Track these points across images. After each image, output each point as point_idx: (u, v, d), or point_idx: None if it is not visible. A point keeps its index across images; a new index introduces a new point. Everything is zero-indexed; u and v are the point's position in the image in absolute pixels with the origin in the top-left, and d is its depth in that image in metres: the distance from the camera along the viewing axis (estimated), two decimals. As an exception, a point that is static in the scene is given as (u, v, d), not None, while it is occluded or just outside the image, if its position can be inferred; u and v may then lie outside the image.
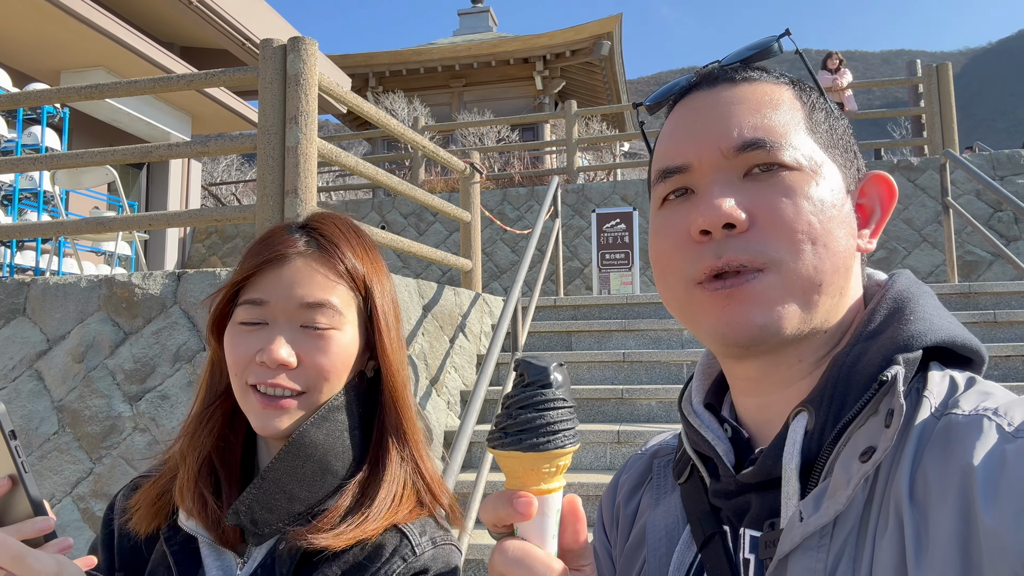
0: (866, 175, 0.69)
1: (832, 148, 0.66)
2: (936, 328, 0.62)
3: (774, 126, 0.64)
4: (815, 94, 0.69)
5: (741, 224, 0.61)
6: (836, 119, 0.68)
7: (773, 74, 0.68)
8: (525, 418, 0.57)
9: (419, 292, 4.53)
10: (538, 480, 0.58)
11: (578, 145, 10.59)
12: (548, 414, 0.57)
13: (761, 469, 0.62)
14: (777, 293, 0.61)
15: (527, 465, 0.58)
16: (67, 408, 3.57)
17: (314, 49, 3.83)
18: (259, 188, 3.77)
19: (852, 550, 0.56)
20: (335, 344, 0.89)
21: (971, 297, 5.45)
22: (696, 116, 0.67)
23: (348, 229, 0.96)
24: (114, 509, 0.98)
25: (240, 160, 18.81)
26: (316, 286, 0.89)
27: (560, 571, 0.58)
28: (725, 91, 0.66)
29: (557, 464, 0.58)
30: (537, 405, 0.57)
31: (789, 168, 0.62)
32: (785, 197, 0.62)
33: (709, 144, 0.64)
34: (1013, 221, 8.01)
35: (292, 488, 0.86)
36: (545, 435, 0.57)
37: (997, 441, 0.53)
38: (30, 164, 4.52)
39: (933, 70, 9.07)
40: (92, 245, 7.42)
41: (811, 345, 0.65)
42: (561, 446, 0.57)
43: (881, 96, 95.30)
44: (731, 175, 0.63)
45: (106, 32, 7.69)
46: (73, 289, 3.78)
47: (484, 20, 21.15)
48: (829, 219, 0.62)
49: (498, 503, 0.59)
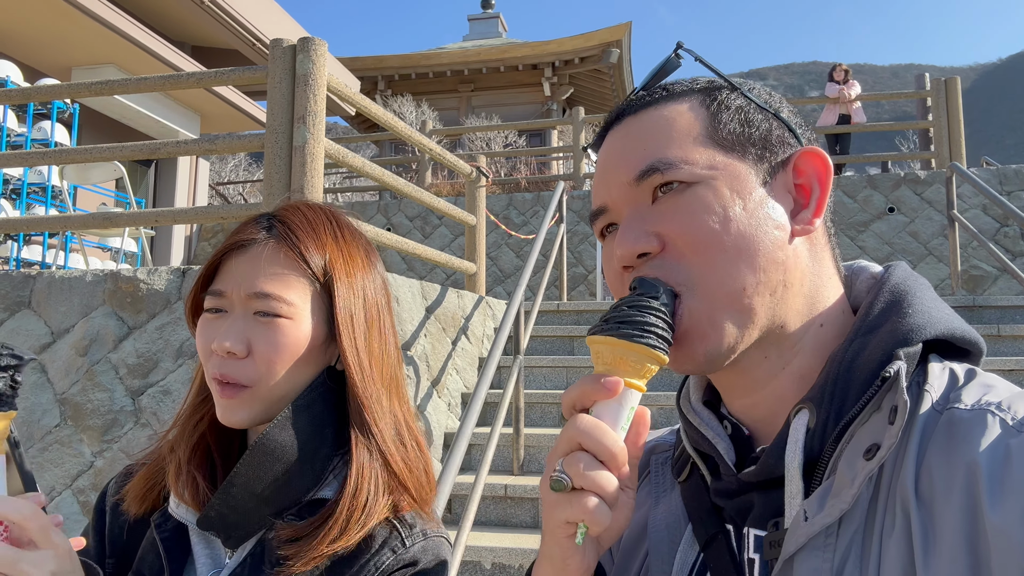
0: (795, 153, 0.67)
1: (741, 145, 0.65)
2: (935, 321, 0.62)
3: (667, 147, 0.65)
4: (724, 94, 0.68)
5: (653, 249, 0.64)
6: (753, 112, 0.67)
7: (677, 90, 0.69)
8: (627, 313, 0.61)
9: (422, 294, 4.53)
10: (625, 370, 0.61)
11: (585, 152, 10.58)
12: (649, 316, 0.60)
13: (763, 468, 0.62)
14: (704, 316, 0.62)
15: (618, 353, 0.61)
16: (69, 401, 3.58)
17: (323, 50, 3.85)
18: (265, 187, 3.78)
19: (859, 549, 0.55)
20: (283, 335, 0.86)
21: (975, 310, 5.43)
22: (605, 157, 0.70)
23: (318, 218, 0.94)
24: (106, 497, 0.98)
25: (248, 160, 18.87)
26: (267, 275, 0.87)
27: (623, 453, 0.59)
28: (629, 124, 0.69)
29: (645, 364, 0.61)
30: (641, 307, 0.61)
31: (687, 183, 0.64)
32: (687, 213, 0.63)
33: (615, 182, 0.68)
34: (1019, 236, 7.99)
35: (262, 491, 0.84)
36: (641, 330, 0.60)
37: (1000, 435, 0.53)
38: (39, 159, 4.54)
39: (942, 84, 9.05)
40: (99, 241, 7.44)
41: (771, 342, 0.64)
42: (652, 346, 0.60)
43: (890, 109, 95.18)
44: (640, 204, 0.66)
45: (118, 30, 7.73)
46: (78, 283, 3.79)
47: (494, 26, 21.21)
48: (737, 222, 0.62)
49: (586, 382, 0.61)
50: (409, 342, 4.14)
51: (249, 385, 0.85)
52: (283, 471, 0.85)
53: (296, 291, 0.88)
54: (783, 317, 0.64)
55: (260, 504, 0.84)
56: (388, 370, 0.94)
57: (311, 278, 0.89)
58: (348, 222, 0.98)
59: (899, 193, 8.56)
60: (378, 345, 0.93)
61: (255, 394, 0.86)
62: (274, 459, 0.84)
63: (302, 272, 0.89)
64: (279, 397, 0.87)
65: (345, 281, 0.91)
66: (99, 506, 0.98)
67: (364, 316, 0.92)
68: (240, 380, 0.85)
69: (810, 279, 0.65)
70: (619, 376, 0.61)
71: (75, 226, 4.80)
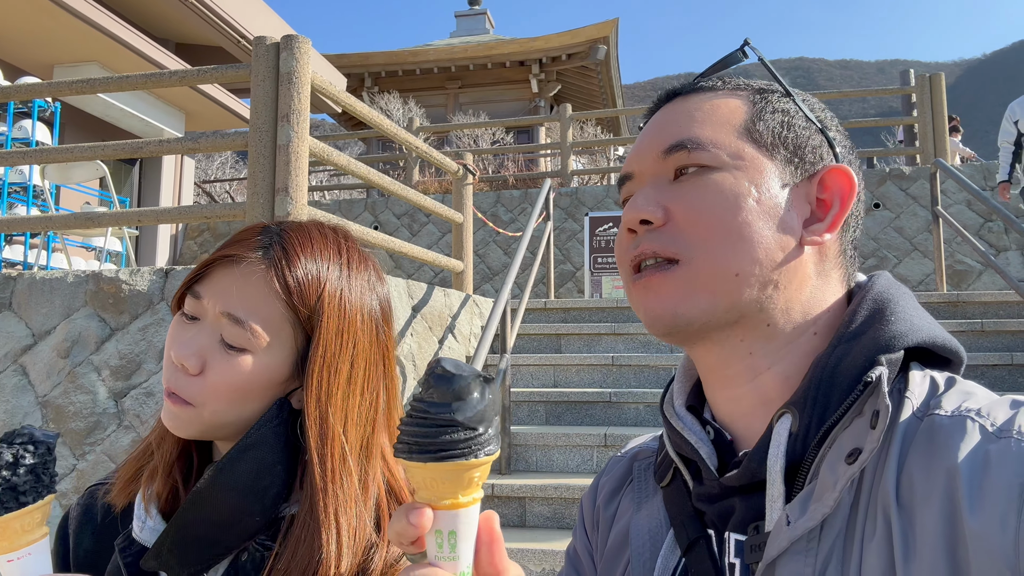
0: (824, 168, 0.68)
1: (773, 145, 0.67)
2: (916, 329, 0.63)
3: (701, 129, 0.67)
4: (775, 97, 0.70)
5: (657, 220, 0.66)
6: (798, 119, 0.69)
7: (730, 84, 0.72)
8: (422, 431, 0.52)
9: (409, 292, 4.51)
10: (443, 491, 0.53)
11: (572, 149, 10.60)
12: (445, 433, 0.52)
13: (745, 472, 0.62)
14: (685, 284, 0.64)
15: (429, 476, 0.52)
16: (51, 403, 3.54)
17: (307, 47, 3.82)
18: (249, 185, 3.75)
19: (840, 553, 0.55)
20: (240, 368, 0.80)
21: (959, 306, 5.47)
22: (646, 130, 0.73)
23: (325, 249, 0.85)
24: (68, 521, 0.95)
25: (235, 158, 18.74)
26: (245, 300, 0.81)
27: None
28: (677, 103, 0.72)
29: (462, 476, 0.53)
30: (433, 424, 0.52)
31: (709, 168, 0.66)
32: (699, 193, 0.65)
33: (647, 152, 0.70)
34: (1003, 231, 8.05)
35: (208, 534, 0.80)
36: (440, 447, 0.52)
37: (980, 441, 0.53)
38: (19, 158, 4.49)
39: (926, 80, 9.10)
40: (82, 241, 7.37)
41: (755, 336, 0.65)
42: (454, 457, 0.52)
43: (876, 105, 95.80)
44: (662, 178, 0.69)
45: (100, 27, 7.65)
46: (60, 284, 3.75)
47: (481, 22, 21.16)
48: (746, 211, 0.64)
49: (396, 517, 0.53)
50: (395, 341, 4.13)
51: (193, 404, 0.81)
52: (228, 515, 0.80)
53: (272, 323, 0.81)
54: (770, 315, 0.65)
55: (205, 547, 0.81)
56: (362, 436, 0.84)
57: (293, 315, 0.82)
58: (360, 256, 0.89)
59: (884, 189, 8.61)
60: (359, 406, 0.84)
61: (197, 414, 0.81)
62: (216, 503, 0.80)
63: (285, 305, 0.82)
64: (223, 423, 0.82)
65: (334, 327, 0.83)
66: (62, 531, 0.95)
67: (349, 369, 0.83)
68: (184, 397, 0.81)
69: (810, 289, 0.67)
70: (438, 500, 0.53)
71: (57, 226, 4.75)
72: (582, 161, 15.75)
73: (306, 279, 0.82)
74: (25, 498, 0.68)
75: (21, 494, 0.68)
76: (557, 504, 3.74)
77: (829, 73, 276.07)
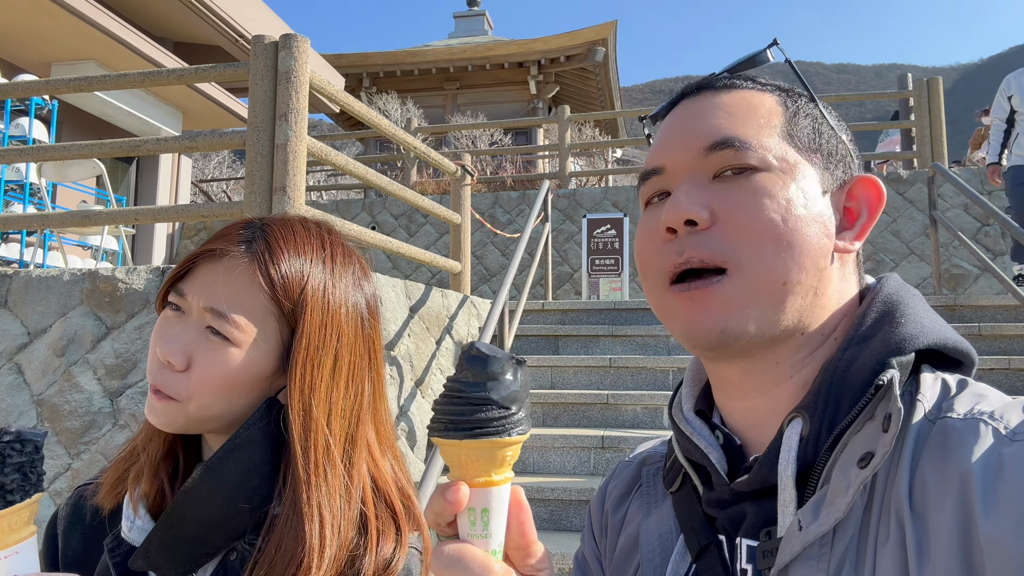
0: (854, 178, 0.68)
1: (812, 151, 0.66)
2: (927, 331, 0.62)
3: (746, 128, 0.65)
4: (803, 100, 0.69)
5: (703, 221, 0.62)
6: (825, 126, 0.69)
7: (759, 82, 0.70)
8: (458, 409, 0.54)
9: (406, 293, 4.50)
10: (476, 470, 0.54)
11: (570, 150, 10.59)
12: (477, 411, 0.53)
13: (756, 477, 0.61)
14: (739, 296, 0.61)
15: (463, 453, 0.54)
16: (47, 402, 3.52)
17: (306, 47, 3.81)
18: (247, 185, 3.73)
19: (853, 559, 0.55)
20: (227, 361, 0.80)
21: (956, 310, 5.48)
22: (676, 122, 0.69)
23: (308, 242, 0.86)
24: (56, 522, 0.94)
25: (232, 157, 18.71)
26: (229, 293, 0.81)
27: (500, 572, 0.54)
28: (707, 99, 0.68)
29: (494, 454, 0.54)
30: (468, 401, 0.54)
31: (757, 169, 0.63)
32: (749, 196, 0.62)
33: (683, 147, 0.66)
34: (1000, 235, 8.07)
35: (197, 533, 0.80)
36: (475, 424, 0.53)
37: (993, 445, 0.53)
38: (16, 156, 4.47)
39: (924, 84, 9.12)
40: (79, 239, 7.35)
41: (788, 347, 0.64)
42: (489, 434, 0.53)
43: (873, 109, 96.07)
44: (701, 176, 0.65)
45: (98, 25, 7.63)
46: (55, 282, 3.73)
47: (479, 23, 21.16)
48: (796, 218, 0.62)
49: (435, 499, 0.55)
50: (393, 342, 4.11)
51: (178, 400, 0.81)
52: (217, 514, 0.80)
53: (256, 317, 0.82)
54: (807, 323, 0.64)
55: (193, 546, 0.80)
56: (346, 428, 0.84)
57: (277, 308, 0.82)
58: (345, 251, 0.90)
59: (882, 192, 8.61)
60: (343, 399, 0.84)
61: (182, 409, 0.81)
62: (204, 503, 0.79)
63: (268, 298, 0.82)
64: (208, 417, 0.82)
65: (318, 319, 0.83)
66: (50, 531, 0.94)
67: (332, 362, 0.83)
68: (170, 393, 0.81)
69: (835, 296, 0.66)
70: (471, 478, 0.54)
71: (53, 224, 4.73)
72: (580, 163, 15.76)
73: (289, 272, 0.83)
74: (12, 496, 0.67)
75: (8, 492, 0.67)
76: (554, 506, 3.73)
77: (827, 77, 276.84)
